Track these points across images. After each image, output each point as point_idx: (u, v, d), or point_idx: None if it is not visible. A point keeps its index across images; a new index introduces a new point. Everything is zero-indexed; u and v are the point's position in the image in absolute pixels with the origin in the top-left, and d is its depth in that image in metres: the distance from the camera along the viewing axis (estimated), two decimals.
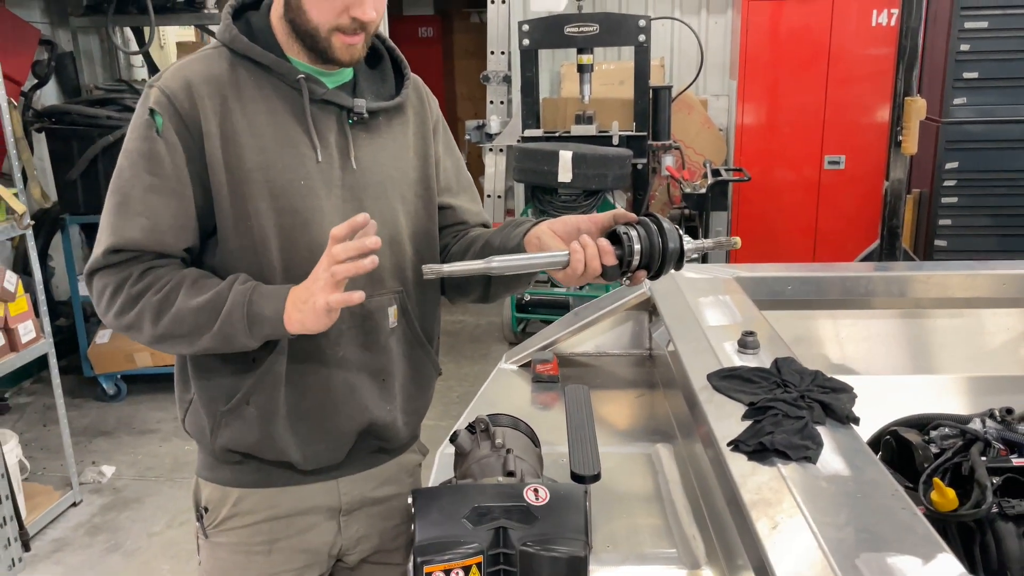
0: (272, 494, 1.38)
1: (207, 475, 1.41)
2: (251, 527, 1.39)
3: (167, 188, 1.25)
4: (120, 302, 1.25)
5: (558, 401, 1.71)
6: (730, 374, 1.34)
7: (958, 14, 4.71)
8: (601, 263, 1.20)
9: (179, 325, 1.23)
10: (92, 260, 1.27)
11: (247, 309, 1.21)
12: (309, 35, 1.26)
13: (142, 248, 1.25)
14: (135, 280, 1.25)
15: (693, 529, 1.25)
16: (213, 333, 1.23)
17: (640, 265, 1.20)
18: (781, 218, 5.32)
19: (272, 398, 1.31)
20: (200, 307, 1.22)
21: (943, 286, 2.05)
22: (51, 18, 4.89)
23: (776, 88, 5.18)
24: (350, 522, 1.44)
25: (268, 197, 1.26)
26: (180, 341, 1.26)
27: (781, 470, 1.08)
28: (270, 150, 1.26)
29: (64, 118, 4.17)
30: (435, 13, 8.23)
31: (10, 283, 3.11)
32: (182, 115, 1.24)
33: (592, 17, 4.72)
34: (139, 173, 1.25)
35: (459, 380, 4.54)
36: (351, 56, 1.28)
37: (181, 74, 1.27)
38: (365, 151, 1.33)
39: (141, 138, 1.25)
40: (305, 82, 1.27)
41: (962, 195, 4.96)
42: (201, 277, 1.26)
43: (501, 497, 1.06)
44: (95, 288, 1.28)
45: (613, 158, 4.46)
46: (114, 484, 3.62)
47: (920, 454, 1.32)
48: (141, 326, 1.25)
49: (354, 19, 1.23)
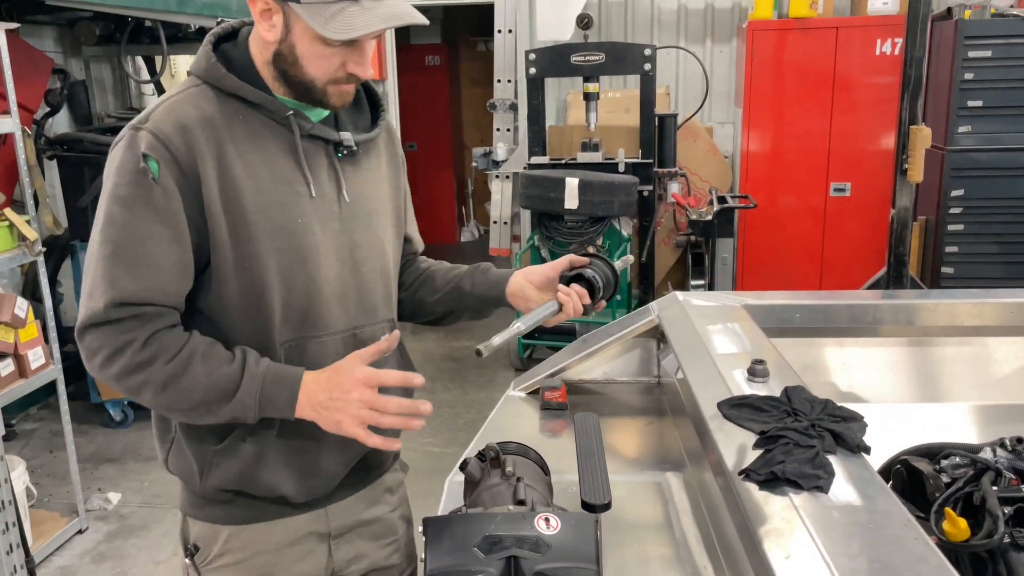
0: (262, 528, 1.38)
1: (195, 513, 1.40)
2: (244, 563, 1.38)
3: (166, 236, 1.21)
4: (121, 365, 1.21)
5: (567, 429, 1.71)
6: (740, 402, 1.34)
7: (961, 43, 4.75)
8: (583, 304, 1.46)
9: (185, 399, 1.22)
10: (90, 313, 1.21)
11: (260, 395, 1.23)
12: (303, 85, 1.26)
13: (145, 301, 1.21)
14: (140, 347, 1.21)
15: (704, 559, 1.25)
16: (220, 413, 1.23)
17: (602, 297, 1.52)
18: (787, 245, 5.33)
19: (266, 436, 1.32)
20: (210, 387, 1.22)
21: (951, 314, 2.05)
22: (64, 47, 4.96)
23: (781, 116, 5.21)
24: (340, 544, 1.45)
25: (268, 238, 1.25)
26: (179, 412, 1.26)
27: (793, 500, 1.07)
28: (267, 190, 1.25)
29: (76, 146, 4.22)
30: (442, 42, 8.32)
31: (21, 309, 3.13)
32: (178, 160, 1.21)
33: (598, 46, 4.77)
34: (135, 221, 1.20)
35: (465, 407, 4.53)
36: (344, 101, 1.30)
37: (173, 116, 1.23)
38: (353, 184, 1.35)
39: (134, 184, 1.20)
40: (294, 118, 1.27)
41: (968, 223, 4.97)
42: (210, 349, 1.24)
43: (512, 526, 1.06)
44: (89, 343, 1.22)
45: (619, 185, 4.48)
46: (120, 511, 3.61)
47: (931, 484, 1.31)
48: (141, 393, 1.23)
49: (351, 75, 1.25)
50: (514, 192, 5.61)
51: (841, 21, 5.17)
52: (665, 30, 5.92)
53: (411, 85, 7.49)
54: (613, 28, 5.94)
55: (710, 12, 5.87)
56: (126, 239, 1.20)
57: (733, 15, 5.82)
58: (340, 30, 1.18)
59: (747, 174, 5.32)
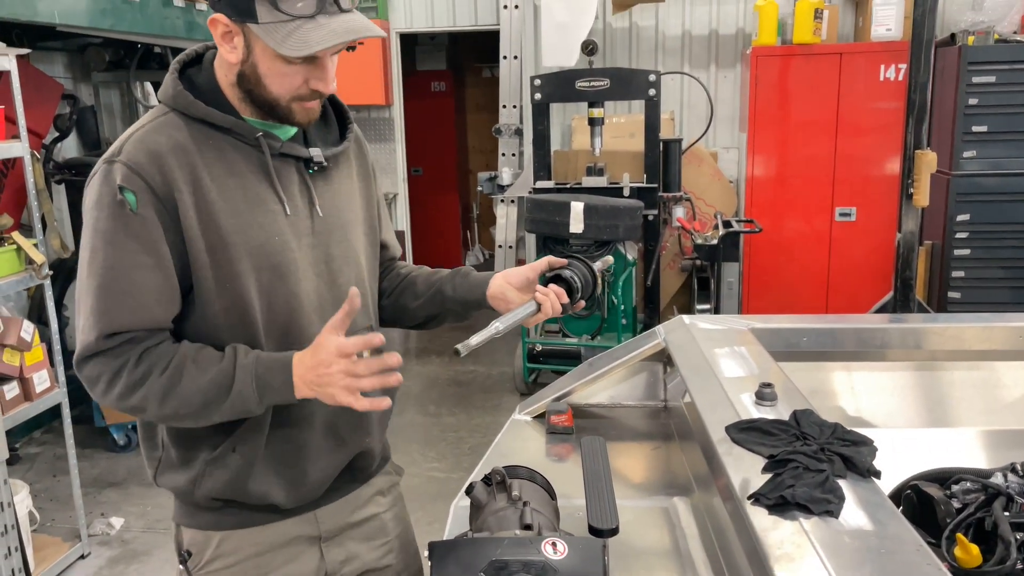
0: (253, 532, 1.41)
1: (187, 521, 1.43)
2: (236, 566, 1.41)
3: (149, 264, 1.23)
4: (121, 387, 1.24)
5: (573, 453, 1.70)
6: (748, 426, 1.33)
7: (965, 69, 4.77)
8: (560, 304, 1.47)
9: (187, 405, 1.24)
10: (84, 346, 1.25)
11: (256, 383, 1.24)
12: (268, 104, 1.28)
13: (135, 329, 1.24)
14: (134, 365, 1.24)
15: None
16: (224, 409, 1.25)
17: (581, 296, 1.55)
18: (793, 269, 5.33)
19: (255, 445, 1.34)
20: (207, 386, 1.24)
21: (959, 338, 2.04)
22: (74, 73, 5.01)
23: (785, 141, 5.23)
24: (331, 547, 1.48)
25: (247, 257, 1.28)
26: (187, 418, 1.27)
27: (803, 524, 1.06)
28: (243, 212, 1.28)
29: (84, 170, 4.24)
30: (448, 68, 8.38)
31: (27, 333, 3.13)
32: (154, 188, 1.23)
33: (603, 72, 4.81)
34: (118, 253, 1.23)
35: (470, 431, 4.51)
36: (309, 118, 1.31)
37: (144, 147, 1.25)
38: (325, 198, 1.38)
39: (112, 217, 1.23)
40: (264, 139, 1.29)
41: (974, 247, 4.96)
42: (199, 353, 1.26)
43: (519, 550, 1.05)
44: (88, 374, 1.26)
45: (624, 209, 4.49)
46: (123, 536, 3.58)
47: (942, 509, 1.30)
48: (146, 407, 1.25)
49: (314, 91, 1.27)
50: (519, 216, 5.62)
51: (845, 47, 5.20)
52: (669, 56, 5.96)
53: (417, 111, 7.55)
54: (618, 54, 5.99)
55: (714, 38, 5.91)
56: (110, 271, 1.23)
57: (737, 41, 5.87)
58: (297, 47, 1.20)
59: (752, 199, 5.33)
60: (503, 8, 5.82)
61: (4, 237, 3.17)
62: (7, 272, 3.09)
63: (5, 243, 3.13)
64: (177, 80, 1.31)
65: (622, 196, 4.73)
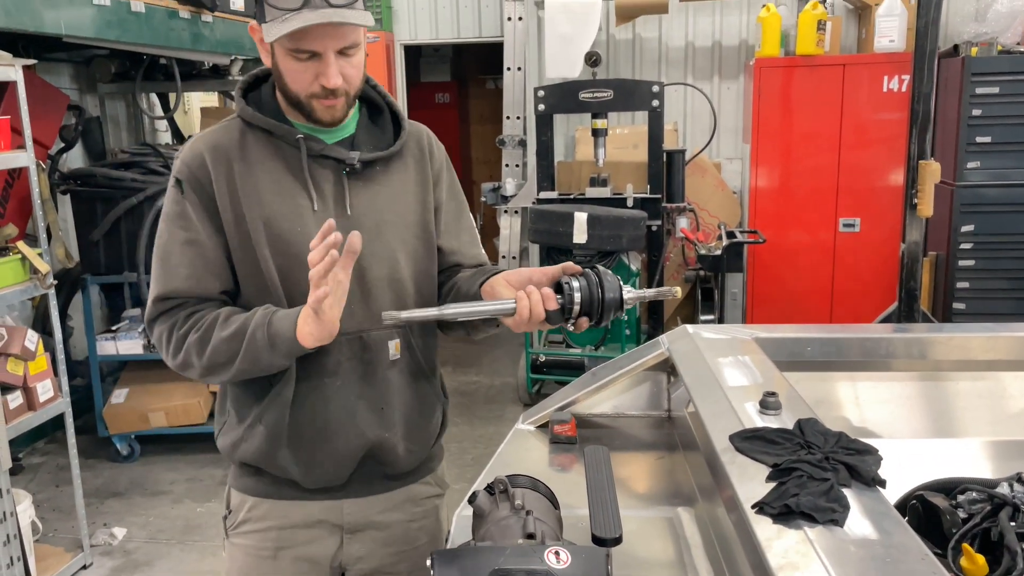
0: (281, 506, 1.53)
1: (233, 483, 1.58)
2: (261, 533, 1.54)
3: (199, 240, 1.43)
4: (173, 345, 1.42)
5: (576, 463, 1.69)
6: (752, 435, 1.32)
7: (969, 80, 4.77)
8: (544, 309, 1.32)
9: (217, 355, 1.38)
10: (148, 309, 1.47)
11: (267, 331, 1.35)
12: (295, 102, 1.43)
13: (184, 294, 1.43)
14: (181, 324, 1.42)
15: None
16: (242, 356, 1.37)
17: (581, 313, 1.33)
18: (797, 280, 5.32)
19: (279, 420, 1.46)
20: (231, 336, 1.37)
21: (964, 348, 2.03)
22: (80, 84, 5.04)
23: (789, 152, 5.23)
24: (352, 541, 1.56)
25: (270, 244, 1.42)
26: (221, 369, 1.40)
27: (808, 533, 1.05)
28: (270, 203, 1.43)
29: (89, 180, 4.26)
30: (452, 79, 8.42)
31: (31, 342, 3.14)
32: (199, 178, 1.43)
33: (606, 83, 4.82)
34: (174, 231, 1.44)
35: (473, 442, 4.50)
36: (332, 116, 1.43)
37: (196, 146, 1.46)
38: (361, 198, 1.47)
39: (173, 202, 1.46)
40: (304, 140, 1.43)
41: (979, 258, 4.95)
42: (232, 313, 1.42)
43: (522, 559, 1.04)
44: (154, 338, 1.47)
45: (628, 220, 4.49)
46: (125, 547, 3.58)
47: (948, 519, 1.29)
48: (191, 362, 1.41)
49: (323, 87, 1.38)
50: (523, 227, 5.62)
51: (848, 58, 5.21)
52: (673, 67, 5.98)
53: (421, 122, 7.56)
54: (621, 65, 6.01)
55: (717, 50, 5.93)
56: (164, 246, 1.45)
57: (740, 53, 5.88)
58: (275, 33, 1.33)
59: (756, 209, 5.33)
60: (507, 20, 5.85)
61: (9, 247, 3.18)
62: (12, 281, 3.09)
63: (10, 252, 3.14)
64: (239, 93, 1.50)
65: (625, 207, 4.74)
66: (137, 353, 4.40)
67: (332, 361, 1.44)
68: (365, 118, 1.54)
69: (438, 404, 1.61)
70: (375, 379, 1.48)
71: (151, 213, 4.15)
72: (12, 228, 3.32)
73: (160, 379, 4.47)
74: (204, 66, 4.82)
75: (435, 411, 1.61)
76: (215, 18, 4.11)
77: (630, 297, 1.35)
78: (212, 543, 3.55)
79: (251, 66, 4.86)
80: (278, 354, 1.36)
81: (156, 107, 5.39)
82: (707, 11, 5.87)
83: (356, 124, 1.51)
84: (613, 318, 1.36)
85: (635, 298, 1.36)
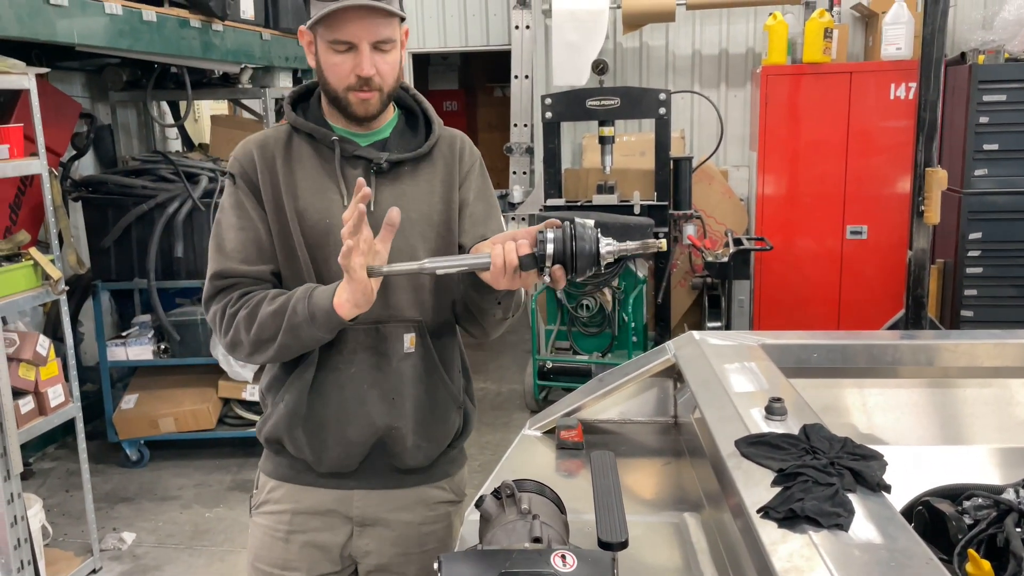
0: (296, 490, 1.62)
1: (261, 465, 1.70)
2: (276, 515, 1.64)
3: (250, 225, 1.56)
4: (225, 323, 1.52)
5: (583, 468, 1.70)
6: (758, 440, 1.33)
7: (976, 88, 4.77)
8: (517, 256, 1.33)
9: (263, 330, 1.47)
10: (204, 292, 1.57)
11: (307, 304, 1.43)
12: (334, 97, 1.54)
13: (238, 274, 1.54)
14: (233, 303, 1.52)
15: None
16: (283, 330, 1.45)
17: (555, 261, 1.32)
18: (804, 287, 5.31)
19: (299, 401, 1.56)
20: (275, 312, 1.47)
21: (971, 355, 2.03)
22: (92, 92, 5.08)
23: (796, 159, 5.23)
24: (362, 534, 1.63)
25: (302, 235, 1.55)
26: (266, 345, 1.49)
27: (813, 537, 1.06)
28: (304, 197, 1.56)
29: (100, 188, 4.29)
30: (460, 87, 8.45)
31: (42, 347, 3.16)
32: (248, 172, 1.57)
33: (614, 91, 4.84)
34: (228, 218, 1.57)
35: (480, 448, 4.51)
36: (366, 110, 1.53)
37: (248, 145, 1.61)
38: (386, 196, 1.56)
39: (228, 194, 1.59)
40: (338, 142, 1.56)
41: (987, 265, 4.94)
42: (280, 293, 1.51)
43: (528, 563, 1.05)
44: (209, 317, 1.57)
45: (635, 227, 4.50)
46: (134, 551, 3.59)
47: (954, 525, 1.29)
48: (239, 340, 1.51)
49: (358, 77, 1.48)
50: None
51: (855, 66, 5.21)
52: (680, 75, 5.99)
53: None
54: (628, 73, 6.02)
55: (724, 58, 5.94)
56: (224, 232, 1.57)
57: (747, 61, 5.89)
58: (321, 10, 1.44)
59: (763, 217, 5.33)
60: (514, 28, 5.87)
61: (21, 253, 3.20)
62: (24, 287, 3.12)
63: (22, 259, 3.16)
64: (287, 102, 1.64)
65: (632, 214, 4.75)
66: (147, 359, 4.43)
67: (349, 349, 1.54)
68: (402, 123, 1.64)
69: (454, 405, 1.65)
70: (388, 369, 1.55)
71: (161, 220, 4.18)
72: (24, 235, 3.35)
73: (169, 385, 4.49)
74: (215, 74, 4.86)
75: (450, 411, 1.65)
76: (225, 27, 4.14)
77: (608, 250, 1.34)
78: (220, 548, 3.56)
79: (260, 75, 4.90)
80: (317, 326, 1.43)
81: (167, 115, 5.43)
82: (714, 19, 5.88)
83: (391, 130, 1.62)
84: (592, 272, 1.35)
85: (615, 251, 1.35)
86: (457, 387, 1.67)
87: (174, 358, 4.41)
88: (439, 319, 1.61)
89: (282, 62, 4.89)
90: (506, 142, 5.94)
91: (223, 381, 4.45)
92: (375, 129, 1.60)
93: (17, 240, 3.28)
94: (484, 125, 8.95)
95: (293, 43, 4.99)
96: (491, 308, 1.52)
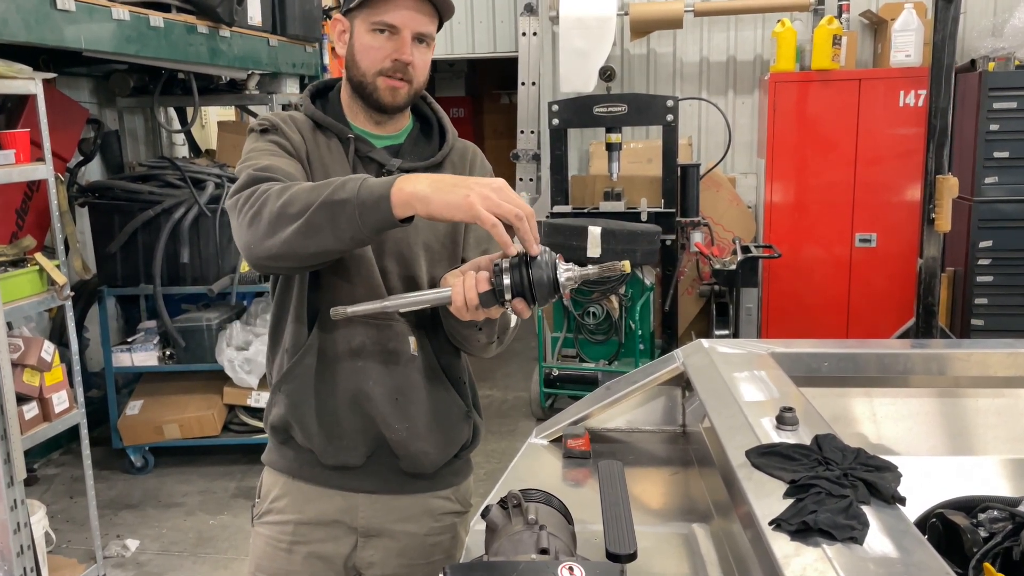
0: (300, 497, 1.59)
1: (265, 458, 1.67)
2: (279, 525, 1.61)
3: (284, 156, 1.49)
4: (252, 200, 1.35)
5: (590, 478, 1.68)
6: (769, 451, 1.31)
7: (986, 95, 4.75)
8: (477, 292, 1.29)
9: (292, 202, 1.30)
10: (234, 186, 1.41)
11: (359, 183, 1.28)
12: (360, 84, 1.52)
13: (281, 173, 1.41)
14: (269, 187, 1.38)
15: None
16: (317, 206, 1.27)
17: (514, 294, 1.29)
18: (813, 295, 5.28)
19: (303, 387, 1.54)
20: (313, 187, 1.32)
21: (983, 364, 2.00)
22: (99, 98, 5.09)
23: (804, 166, 5.21)
24: (366, 545, 1.60)
25: None
26: (288, 222, 1.30)
27: (826, 551, 1.04)
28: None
29: (107, 193, 4.30)
30: (466, 94, 8.46)
31: (47, 353, 3.15)
32: (283, 129, 1.53)
33: (621, 97, 4.83)
34: (260, 149, 1.48)
35: (486, 456, 4.48)
36: (394, 99, 1.51)
37: (279, 114, 1.58)
38: None
39: (254, 141, 1.51)
40: (353, 140, 1.55)
41: (997, 274, 4.90)
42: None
43: (535, 575, 1.03)
44: (231, 202, 1.39)
45: (642, 234, 4.48)
46: (138, 559, 3.58)
47: (969, 538, 1.27)
48: (260, 211, 1.32)
49: (396, 61, 1.48)
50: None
51: (863, 73, 5.19)
52: (687, 82, 5.98)
53: None
54: (635, 80, 6.01)
55: (732, 64, 5.93)
56: (256, 157, 1.46)
57: (755, 68, 5.88)
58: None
59: (771, 224, 5.31)
60: (521, 35, 5.87)
61: (27, 258, 3.20)
62: (29, 292, 3.11)
63: (28, 264, 3.16)
64: (306, 96, 1.62)
65: (640, 221, 4.73)
66: (152, 365, 4.42)
67: (357, 342, 1.52)
68: (416, 131, 1.63)
69: (459, 414, 1.64)
70: (395, 370, 1.54)
71: (168, 226, 4.18)
72: (31, 240, 3.35)
73: (174, 391, 4.49)
74: (221, 80, 4.86)
75: (455, 420, 1.63)
76: (232, 33, 4.15)
77: (569, 276, 1.31)
78: (224, 556, 3.55)
79: (268, 80, 4.91)
80: (365, 209, 1.26)
81: (174, 121, 5.44)
82: (722, 26, 5.87)
83: (406, 137, 1.61)
84: (554, 300, 1.33)
85: (576, 277, 1.32)
86: (464, 398, 1.66)
87: (179, 364, 4.41)
88: (435, 327, 1.59)
89: (289, 68, 4.89)
90: (513, 149, 5.94)
91: (228, 388, 4.44)
92: (392, 133, 1.59)
93: (23, 245, 3.28)
94: (491, 132, 8.95)
95: (300, 49, 5.00)
96: (472, 335, 1.52)
